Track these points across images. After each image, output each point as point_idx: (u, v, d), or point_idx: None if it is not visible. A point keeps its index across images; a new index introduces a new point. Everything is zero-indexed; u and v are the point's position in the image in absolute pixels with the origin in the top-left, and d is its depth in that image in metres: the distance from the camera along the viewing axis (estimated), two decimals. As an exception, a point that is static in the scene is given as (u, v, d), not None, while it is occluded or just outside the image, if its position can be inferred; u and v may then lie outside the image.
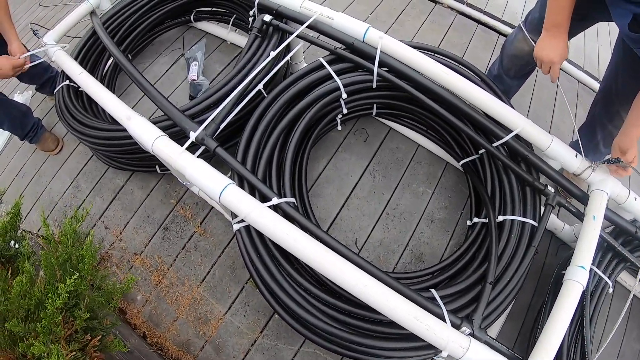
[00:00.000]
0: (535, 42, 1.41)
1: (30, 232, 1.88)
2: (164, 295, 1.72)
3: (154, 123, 1.48)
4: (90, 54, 2.07)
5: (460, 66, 1.63)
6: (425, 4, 2.42)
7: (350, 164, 1.86)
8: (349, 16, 1.62)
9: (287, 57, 1.63)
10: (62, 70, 1.86)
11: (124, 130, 1.49)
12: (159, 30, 2.24)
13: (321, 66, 1.63)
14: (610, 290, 1.49)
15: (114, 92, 2.12)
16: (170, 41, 2.28)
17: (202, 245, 1.76)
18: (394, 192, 1.84)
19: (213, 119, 1.44)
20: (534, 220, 1.46)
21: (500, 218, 1.48)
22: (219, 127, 1.46)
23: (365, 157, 1.88)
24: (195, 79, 2.00)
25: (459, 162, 1.80)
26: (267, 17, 1.68)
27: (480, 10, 2.61)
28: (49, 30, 2.02)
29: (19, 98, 2.41)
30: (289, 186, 1.44)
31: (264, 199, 1.33)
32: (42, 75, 2.20)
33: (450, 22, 2.35)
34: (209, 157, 1.43)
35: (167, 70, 2.18)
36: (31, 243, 1.85)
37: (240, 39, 2.15)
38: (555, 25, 1.26)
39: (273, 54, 1.57)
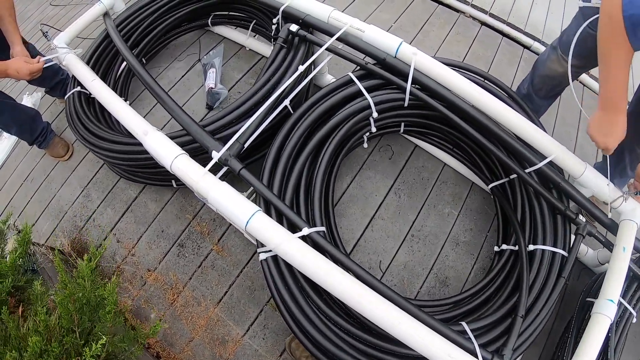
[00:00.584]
0: (567, 62, 1.33)
1: (38, 244, 1.76)
2: (179, 314, 1.62)
3: (172, 138, 1.37)
4: (103, 58, 1.94)
5: (492, 85, 1.53)
6: (449, 14, 2.30)
7: (374, 183, 1.75)
8: (381, 29, 1.50)
9: (315, 71, 1.52)
10: (74, 76, 1.73)
11: (140, 144, 1.38)
12: (175, 34, 2.11)
13: (350, 82, 1.52)
14: (634, 320, 1.42)
15: (127, 98, 2.02)
16: (186, 45, 2.14)
17: (219, 264, 1.66)
18: (419, 213, 1.74)
19: (237, 138, 1.33)
20: (564, 250, 1.38)
21: (531, 247, 1.39)
22: (243, 147, 1.35)
23: (390, 175, 1.77)
24: (213, 87, 1.88)
25: (487, 184, 1.70)
26: (294, 27, 1.55)
27: (503, 21, 2.49)
28: (60, 31, 1.89)
29: (27, 99, 2.28)
30: (318, 211, 1.33)
31: (292, 227, 1.23)
32: (52, 78, 2.07)
33: (475, 34, 2.23)
34: (227, 172, 1.32)
35: (182, 76, 2.05)
36: (40, 259, 1.75)
37: (260, 46, 2.03)
38: (612, 105, 1.09)
39: (301, 68, 1.45)
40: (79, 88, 1.76)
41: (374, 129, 1.59)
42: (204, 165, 1.24)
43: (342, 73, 1.54)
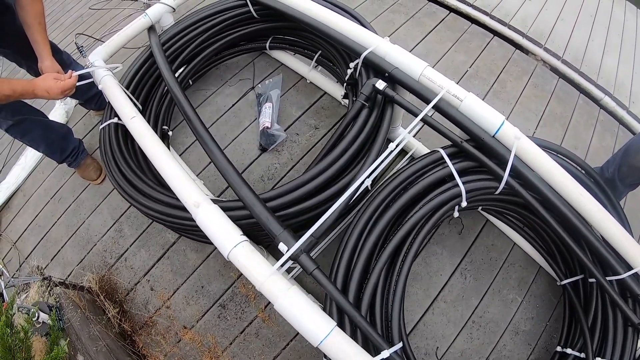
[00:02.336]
0: None
1: (58, 284, 1.49)
2: (215, 382, 1.39)
3: (226, 209, 1.09)
4: (146, 79, 1.62)
5: (587, 176, 1.30)
6: (526, 62, 1.96)
7: (441, 260, 1.49)
8: (482, 100, 1.19)
9: (401, 146, 1.21)
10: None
11: (186, 210, 1.10)
12: (228, 55, 1.76)
13: (441, 161, 1.23)
14: None
15: (169, 124, 1.69)
16: (239, 68, 1.81)
17: (264, 333, 1.42)
18: (482, 298, 1.50)
19: (313, 232, 1.04)
20: (631, 365, 1.17)
21: (599, 361, 1.17)
22: (317, 242, 1.07)
23: (458, 253, 1.51)
24: (269, 126, 1.57)
25: (560, 277, 1.45)
26: (381, 84, 1.24)
27: (576, 70, 2.15)
28: (97, 39, 1.55)
29: (60, 107, 1.96)
30: (397, 326, 1.08)
31: (366, 340, 0.99)
32: (87, 91, 1.74)
33: (552, 88, 1.91)
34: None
35: (233, 105, 1.73)
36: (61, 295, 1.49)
37: (324, 81, 1.71)
38: None
39: (392, 146, 1.14)
40: (116, 119, 1.44)
41: (456, 214, 1.31)
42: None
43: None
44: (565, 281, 1.43)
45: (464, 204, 1.23)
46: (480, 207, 1.46)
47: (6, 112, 1.51)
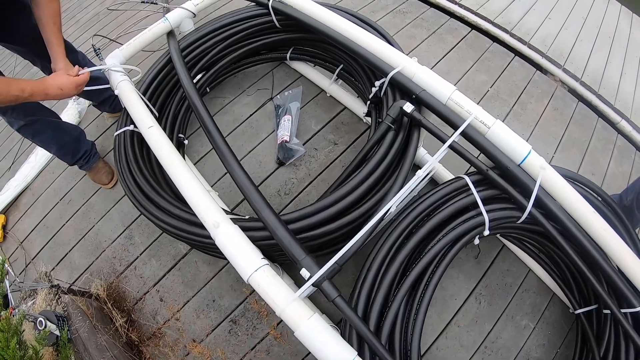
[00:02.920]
0: None
1: (74, 291, 1.44)
2: (224, 399, 1.34)
3: (245, 229, 1.05)
4: (164, 85, 1.56)
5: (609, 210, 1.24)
6: (547, 83, 1.92)
7: (456, 284, 1.45)
8: (509, 128, 1.14)
9: (428, 175, 1.16)
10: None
11: (204, 227, 1.05)
12: (247, 63, 1.70)
13: (465, 188, 1.19)
14: None
15: (185, 132, 1.63)
16: (257, 77, 1.76)
17: (275, 351, 1.38)
18: (496, 323, 1.46)
19: (337, 260, 0.99)
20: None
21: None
22: (340, 268, 1.02)
23: (473, 277, 1.47)
24: (287, 140, 1.52)
25: (574, 306, 1.40)
26: (409, 107, 1.18)
27: (594, 92, 2.10)
28: (113, 40, 1.48)
29: (73, 106, 1.90)
30: (416, 356, 1.03)
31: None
32: (101, 93, 1.67)
33: (572, 112, 1.86)
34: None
35: (250, 115, 1.68)
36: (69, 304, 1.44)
37: (344, 95, 1.65)
38: None
39: (421, 174, 1.09)
40: (132, 127, 1.38)
41: (476, 241, 1.26)
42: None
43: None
44: (579, 310, 1.39)
45: (486, 232, 1.19)
46: (498, 234, 1.42)
47: (18, 112, 1.45)
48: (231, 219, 1.07)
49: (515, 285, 1.51)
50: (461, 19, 2.13)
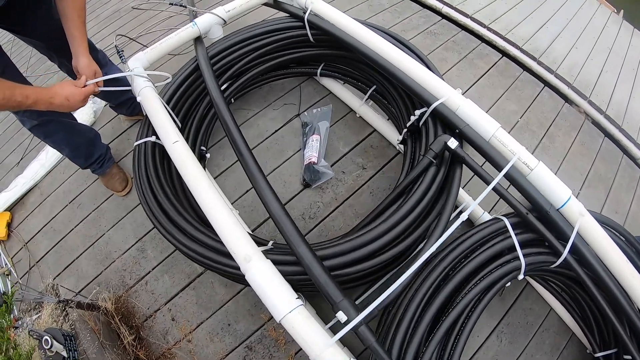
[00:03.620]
0: None
1: (73, 306, 1.34)
2: None
3: (277, 262, 0.96)
4: (189, 94, 1.45)
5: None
6: (574, 116, 1.85)
7: (479, 322, 1.37)
8: (551, 171, 1.08)
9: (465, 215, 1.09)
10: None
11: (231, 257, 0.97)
12: (275, 76, 1.60)
13: (503, 230, 1.12)
14: None
15: (207, 143, 1.53)
16: (284, 91, 1.66)
17: (290, 382, 1.29)
18: (516, 363, 1.38)
19: (377, 305, 0.91)
20: None
21: None
22: (378, 314, 0.94)
23: (496, 314, 1.41)
24: (315, 162, 1.42)
25: (594, 351, 1.35)
26: (453, 143, 1.11)
27: (618, 127, 2.05)
28: (134, 40, 1.38)
29: (88, 106, 1.80)
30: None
31: None
32: (120, 95, 1.57)
33: (598, 147, 1.81)
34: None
35: (275, 131, 1.58)
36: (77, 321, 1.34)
37: (374, 118, 1.57)
38: None
39: (464, 217, 1.01)
40: (154, 138, 1.28)
41: (508, 284, 1.19)
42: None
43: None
44: (600, 354, 1.33)
45: (520, 277, 1.14)
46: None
47: (31, 110, 1.33)
48: (262, 249, 0.99)
49: (536, 324, 1.45)
50: (490, 44, 2.05)
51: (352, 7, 2.09)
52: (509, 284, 1.20)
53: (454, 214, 1.11)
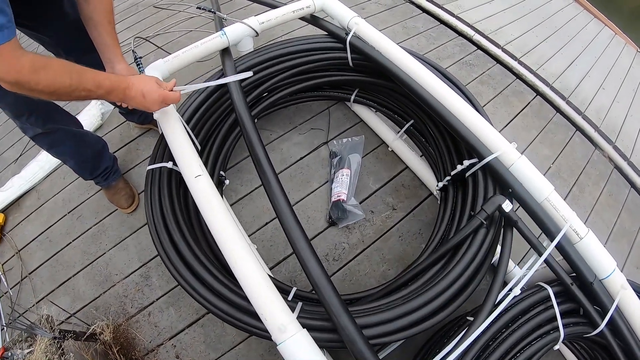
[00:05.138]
0: None
1: (68, 337, 1.15)
2: None
3: (310, 329, 0.81)
4: (212, 112, 1.26)
5: None
6: (604, 164, 1.74)
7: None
8: (599, 241, 0.96)
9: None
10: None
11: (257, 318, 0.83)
12: (305, 97, 1.42)
13: (547, 300, 1.00)
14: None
15: (225, 169, 1.35)
16: (311, 113, 1.48)
17: None
18: None
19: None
20: None
21: None
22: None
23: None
24: (345, 199, 1.26)
25: None
26: (508, 205, 0.97)
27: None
28: (167, 52, 1.19)
29: (95, 107, 1.58)
30: None
31: None
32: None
33: (624, 198, 1.70)
34: None
35: (301, 158, 1.41)
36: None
37: (409, 154, 1.40)
38: None
39: (517, 293, 0.88)
40: (170, 164, 1.09)
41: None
42: None
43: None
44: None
45: (557, 347, 1.03)
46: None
47: (37, 117, 1.13)
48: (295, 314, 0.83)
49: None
50: (521, 78, 1.90)
51: (386, 27, 1.91)
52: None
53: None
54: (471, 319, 0.96)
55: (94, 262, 1.39)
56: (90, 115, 1.58)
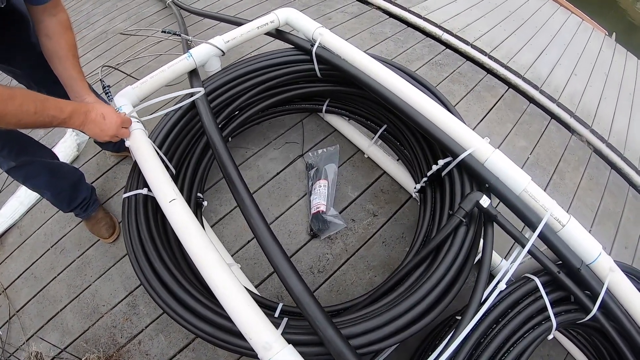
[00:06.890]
0: None
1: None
2: None
3: (296, 344, 0.78)
4: (183, 135, 1.23)
5: None
6: (582, 150, 1.73)
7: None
8: (582, 226, 0.94)
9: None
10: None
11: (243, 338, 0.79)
12: (277, 112, 1.40)
13: (535, 292, 0.98)
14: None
15: (203, 188, 1.32)
16: (285, 127, 1.46)
17: None
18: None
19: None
20: None
21: None
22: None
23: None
24: (324, 210, 1.23)
25: None
26: (486, 201, 0.95)
27: (620, 155, 1.93)
28: (120, 70, 1.17)
29: (70, 138, 1.56)
30: None
31: None
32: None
33: (605, 181, 1.68)
34: None
35: (277, 174, 1.38)
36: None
37: (384, 159, 1.39)
38: None
39: (503, 288, 0.85)
40: (145, 190, 1.06)
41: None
42: None
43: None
44: None
45: (550, 337, 1.01)
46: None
47: (9, 149, 1.11)
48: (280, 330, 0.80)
49: (558, 379, 1.31)
50: (493, 72, 1.90)
51: (354, 35, 1.90)
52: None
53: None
54: (460, 318, 0.93)
55: (80, 294, 1.35)
56: (66, 147, 1.55)
